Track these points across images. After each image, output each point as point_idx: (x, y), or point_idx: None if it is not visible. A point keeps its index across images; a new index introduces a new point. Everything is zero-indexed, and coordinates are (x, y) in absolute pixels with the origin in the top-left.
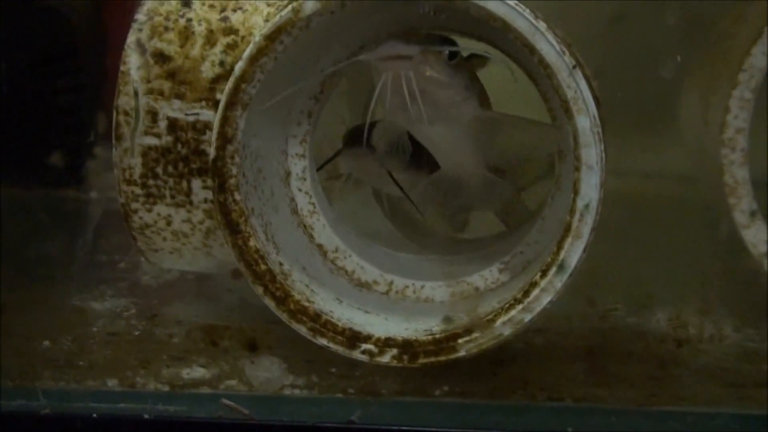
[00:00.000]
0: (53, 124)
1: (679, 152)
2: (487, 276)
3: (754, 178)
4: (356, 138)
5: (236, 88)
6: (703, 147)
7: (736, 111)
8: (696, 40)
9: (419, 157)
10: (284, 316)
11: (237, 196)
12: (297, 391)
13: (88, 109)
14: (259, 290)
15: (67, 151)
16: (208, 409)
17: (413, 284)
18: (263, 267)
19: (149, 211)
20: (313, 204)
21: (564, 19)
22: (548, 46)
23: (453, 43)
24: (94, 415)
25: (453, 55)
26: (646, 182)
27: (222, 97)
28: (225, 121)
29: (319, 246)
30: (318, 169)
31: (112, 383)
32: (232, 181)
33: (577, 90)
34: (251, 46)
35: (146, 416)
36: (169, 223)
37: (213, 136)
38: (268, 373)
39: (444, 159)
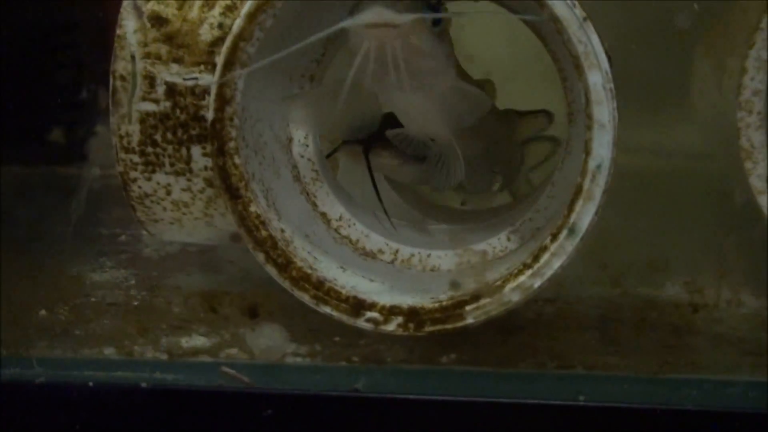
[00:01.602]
0: (54, 100)
1: (691, 127)
2: (495, 243)
3: None
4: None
5: (234, 47)
6: (717, 116)
7: (753, 72)
8: (709, 9)
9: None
10: (286, 284)
11: (237, 160)
12: (299, 360)
13: (90, 84)
14: (261, 257)
15: (68, 127)
16: (208, 378)
17: (419, 253)
18: (264, 233)
19: (148, 179)
20: (315, 171)
21: None
22: None
23: (438, 10)
24: (90, 384)
25: (437, 22)
26: (658, 158)
27: (220, 57)
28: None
29: (323, 214)
30: (327, 157)
31: (108, 352)
32: (232, 144)
33: (588, 44)
34: (249, 2)
35: (143, 385)
36: (168, 192)
37: (211, 96)
38: (269, 340)
39: (417, 129)
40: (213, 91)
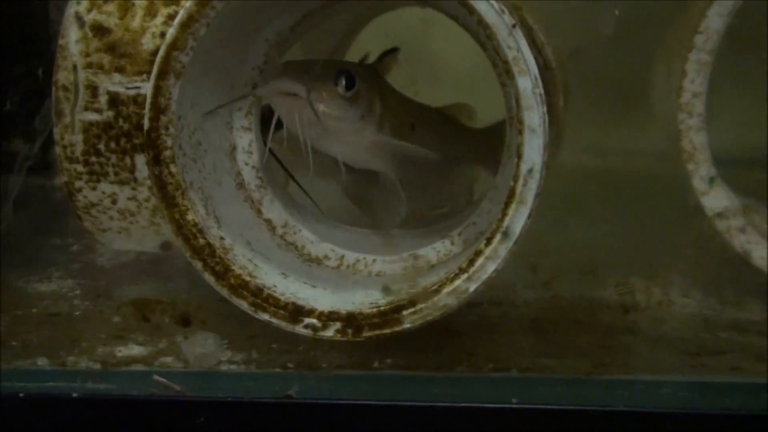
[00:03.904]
0: (16, 109)
1: (648, 129)
2: (440, 248)
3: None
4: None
5: (168, 57)
6: (672, 118)
7: (693, 75)
8: (668, 12)
9: None
10: (224, 291)
11: (173, 169)
12: (234, 367)
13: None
14: (198, 265)
15: (30, 137)
16: (141, 387)
17: (364, 258)
18: (201, 241)
19: (93, 189)
20: (260, 178)
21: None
22: (486, 5)
23: (350, 74)
24: (21, 395)
25: (350, 86)
26: (613, 159)
27: (154, 66)
28: (158, 90)
29: (267, 221)
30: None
31: (42, 362)
32: (167, 153)
33: (518, 50)
34: (182, 12)
35: (75, 395)
36: (114, 202)
37: (146, 106)
38: (202, 348)
39: (358, 166)
40: (147, 100)
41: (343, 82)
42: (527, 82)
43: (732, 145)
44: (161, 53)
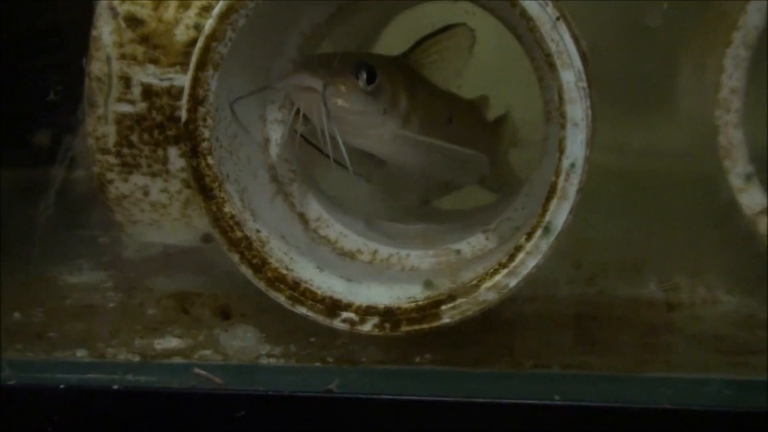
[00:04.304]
0: (38, 102)
1: (675, 127)
2: (473, 243)
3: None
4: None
5: (207, 48)
6: (700, 116)
7: (731, 70)
8: (691, 10)
9: None
10: (261, 285)
11: (210, 161)
12: (273, 360)
13: (74, 86)
14: (235, 258)
15: (53, 129)
16: (181, 379)
17: (398, 253)
18: (239, 234)
19: (125, 181)
20: (293, 171)
21: None
22: None
23: (370, 67)
24: (62, 386)
25: (371, 80)
26: (643, 158)
27: (192, 57)
28: (196, 81)
29: (301, 214)
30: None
31: (81, 354)
32: (205, 144)
33: (561, 43)
34: (221, 2)
35: (115, 387)
36: (146, 194)
37: (184, 97)
38: (242, 341)
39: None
40: (186, 91)
41: (364, 75)
42: (571, 76)
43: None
44: (200, 44)
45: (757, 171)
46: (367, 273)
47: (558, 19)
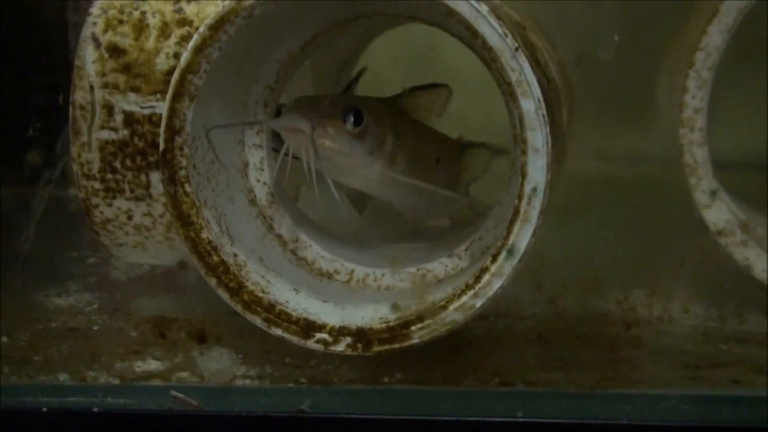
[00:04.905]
0: (28, 122)
1: (650, 135)
2: (447, 263)
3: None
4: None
5: (182, 80)
6: (671, 129)
7: (694, 90)
8: (673, 23)
9: None
10: (238, 308)
11: (188, 188)
12: (249, 382)
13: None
14: (213, 282)
15: (43, 148)
16: (158, 402)
17: (374, 272)
18: (216, 259)
19: (109, 205)
20: (272, 194)
21: (546, 8)
22: (490, 29)
23: (357, 110)
24: (44, 409)
25: (358, 122)
26: (607, 165)
27: (169, 89)
28: (173, 112)
29: (279, 236)
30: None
31: (63, 378)
32: (182, 172)
33: (521, 73)
34: (195, 36)
35: (95, 409)
36: (130, 217)
37: (162, 128)
38: (218, 363)
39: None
40: (163, 122)
41: (351, 118)
42: (530, 104)
43: (733, 150)
44: (176, 76)
45: (750, 177)
46: (343, 293)
47: (517, 49)
